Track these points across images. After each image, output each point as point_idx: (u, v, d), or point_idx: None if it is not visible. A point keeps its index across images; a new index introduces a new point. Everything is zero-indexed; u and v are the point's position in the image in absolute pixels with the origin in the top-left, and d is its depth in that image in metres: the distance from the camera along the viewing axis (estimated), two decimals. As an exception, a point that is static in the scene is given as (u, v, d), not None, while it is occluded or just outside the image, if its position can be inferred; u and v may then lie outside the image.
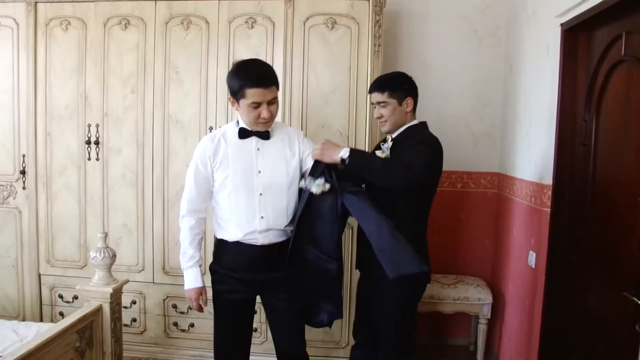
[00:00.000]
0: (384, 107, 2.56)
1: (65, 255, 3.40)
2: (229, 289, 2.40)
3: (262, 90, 2.20)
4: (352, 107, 3.15)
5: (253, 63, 2.33)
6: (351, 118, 3.15)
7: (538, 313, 2.90)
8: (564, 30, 2.73)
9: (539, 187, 2.92)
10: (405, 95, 2.56)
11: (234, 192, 2.32)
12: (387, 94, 2.55)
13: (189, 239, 2.44)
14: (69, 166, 3.34)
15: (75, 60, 3.28)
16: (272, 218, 2.33)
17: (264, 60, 2.46)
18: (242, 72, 2.24)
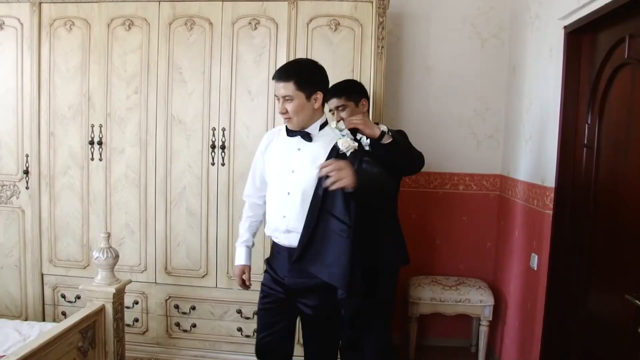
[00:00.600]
0: (342, 110, 2.76)
1: (67, 255, 3.41)
2: (266, 284, 2.43)
3: (276, 83, 2.26)
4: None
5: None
6: (354, 119, 3.15)
7: (540, 315, 2.90)
8: (567, 33, 2.74)
9: (541, 190, 2.92)
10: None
11: (270, 186, 2.41)
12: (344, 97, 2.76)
13: (242, 221, 2.58)
14: (72, 166, 3.35)
15: (78, 61, 3.29)
16: (294, 219, 2.27)
17: (304, 59, 2.51)
18: None
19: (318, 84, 2.27)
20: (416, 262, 3.78)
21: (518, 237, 3.31)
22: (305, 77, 2.23)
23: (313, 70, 2.28)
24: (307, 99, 2.23)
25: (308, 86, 2.22)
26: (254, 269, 2.65)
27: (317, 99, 2.25)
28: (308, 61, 2.37)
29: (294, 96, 2.21)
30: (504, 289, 3.55)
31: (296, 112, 2.23)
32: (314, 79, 2.26)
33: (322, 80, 2.30)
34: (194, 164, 3.25)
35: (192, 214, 3.29)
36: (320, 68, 2.32)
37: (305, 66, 2.31)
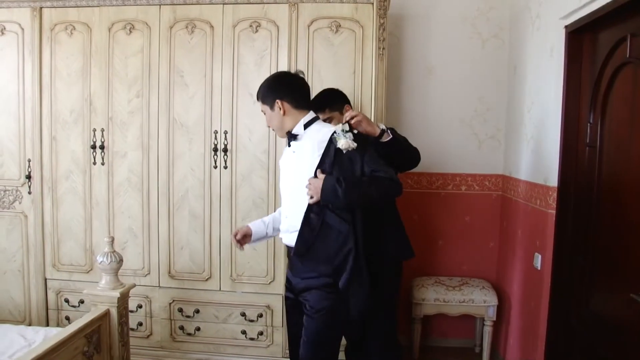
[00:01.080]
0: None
1: (71, 260, 3.41)
2: (285, 285, 2.51)
3: None
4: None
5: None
6: (356, 121, 3.15)
7: (544, 314, 2.90)
8: (568, 32, 2.74)
9: (544, 189, 2.92)
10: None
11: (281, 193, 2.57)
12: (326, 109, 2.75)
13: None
14: (74, 170, 3.35)
15: (80, 65, 3.29)
16: (292, 219, 2.37)
17: (272, 74, 2.58)
18: None
19: (273, 94, 2.37)
20: (419, 262, 3.81)
21: (521, 236, 3.31)
22: (263, 92, 2.41)
23: (267, 84, 2.42)
24: (272, 109, 2.38)
25: (267, 99, 2.39)
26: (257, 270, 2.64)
27: (280, 107, 2.36)
28: (268, 77, 2.50)
29: (264, 110, 2.43)
30: (507, 288, 3.55)
31: (270, 123, 2.45)
32: (268, 90, 2.39)
33: (275, 89, 2.38)
34: (197, 167, 3.25)
35: (195, 217, 3.29)
36: (275, 78, 2.46)
37: (264, 83, 2.45)
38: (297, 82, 2.42)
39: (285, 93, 2.36)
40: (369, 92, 3.13)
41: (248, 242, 2.55)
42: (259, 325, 3.29)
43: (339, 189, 2.17)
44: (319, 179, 2.23)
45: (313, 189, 2.23)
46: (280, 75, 2.48)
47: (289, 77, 2.43)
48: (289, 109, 2.36)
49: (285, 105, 2.35)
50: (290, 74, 2.47)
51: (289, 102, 2.36)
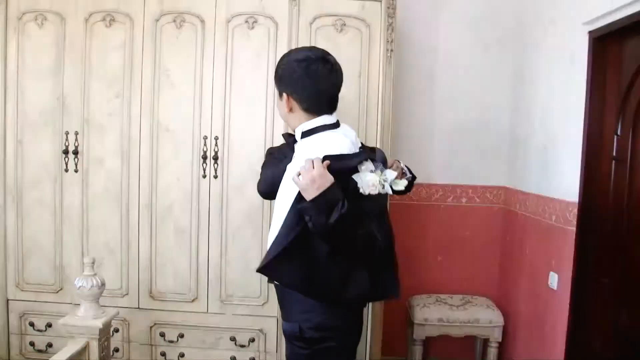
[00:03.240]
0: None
1: (37, 279, 3.02)
2: None
3: None
4: (362, 118, 2.90)
5: None
6: (361, 129, 2.90)
7: (561, 337, 2.73)
8: (592, 38, 2.58)
9: (563, 205, 2.75)
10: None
11: None
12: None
13: None
14: (43, 179, 2.97)
15: (51, 60, 2.92)
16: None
17: (292, 53, 2.05)
18: None
19: (282, 84, 1.94)
20: (417, 279, 3.60)
21: (530, 253, 3.13)
22: (276, 74, 1.98)
23: (280, 70, 1.96)
24: (280, 97, 1.99)
25: (277, 84, 1.99)
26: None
27: (287, 101, 1.93)
28: (286, 57, 1.99)
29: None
30: (511, 307, 3.37)
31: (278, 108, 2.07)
32: (278, 77, 1.96)
33: (287, 80, 1.92)
34: (183, 176, 2.93)
35: (180, 232, 2.96)
36: (291, 64, 1.91)
37: (280, 62, 1.99)
38: (317, 78, 1.89)
39: (296, 89, 1.90)
40: (375, 97, 2.89)
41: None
42: (251, 350, 2.99)
43: (337, 211, 1.68)
44: (324, 171, 1.72)
45: (309, 176, 1.71)
46: (299, 61, 1.90)
47: (309, 68, 1.88)
48: (296, 108, 1.93)
49: (293, 103, 1.92)
50: (314, 59, 1.90)
51: (299, 103, 1.92)
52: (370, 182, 1.76)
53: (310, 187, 1.70)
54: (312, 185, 1.70)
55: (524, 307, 3.19)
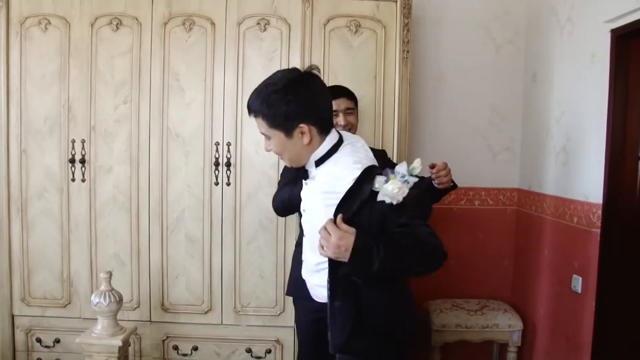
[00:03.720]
0: (351, 114, 2.43)
1: (44, 293, 2.91)
2: None
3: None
4: (379, 121, 2.84)
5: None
6: (377, 133, 2.84)
7: (587, 341, 2.67)
8: (615, 36, 2.53)
9: (585, 206, 2.69)
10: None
11: None
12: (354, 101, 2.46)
13: None
14: (49, 188, 2.87)
15: (56, 66, 2.82)
16: (305, 269, 1.93)
17: (272, 77, 1.71)
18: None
19: (296, 114, 1.61)
20: (431, 284, 3.49)
21: (549, 256, 3.07)
22: (276, 109, 1.60)
23: (283, 97, 1.60)
24: (289, 136, 1.64)
25: (282, 120, 1.61)
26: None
27: (306, 133, 1.63)
28: (273, 83, 1.63)
29: (268, 134, 1.67)
30: (529, 311, 3.30)
31: (277, 150, 1.69)
32: (289, 108, 1.60)
33: (302, 107, 1.61)
34: (195, 184, 2.85)
35: (192, 242, 2.87)
36: (293, 86, 1.61)
37: (270, 93, 1.61)
38: (320, 91, 1.69)
39: (314, 112, 1.64)
40: (391, 100, 2.82)
41: None
42: (268, 362, 2.91)
43: (376, 258, 1.51)
44: (341, 231, 1.55)
45: (332, 245, 1.55)
46: (297, 81, 1.63)
47: (309, 81, 1.65)
48: (315, 135, 1.65)
49: (313, 131, 1.64)
50: (307, 75, 1.66)
51: (317, 127, 1.65)
52: (395, 190, 1.57)
53: (340, 253, 1.55)
54: (340, 251, 1.55)
55: (543, 311, 3.13)
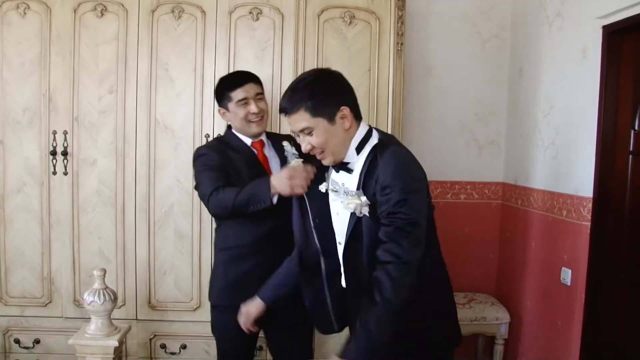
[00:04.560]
0: (261, 100, 2.31)
1: (23, 291, 2.78)
2: None
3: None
4: (372, 113, 2.81)
5: None
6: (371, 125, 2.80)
7: (577, 334, 2.71)
8: (607, 33, 2.56)
9: (576, 200, 2.73)
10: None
11: None
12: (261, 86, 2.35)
13: None
14: (28, 182, 2.73)
15: (36, 53, 2.69)
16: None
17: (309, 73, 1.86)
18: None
19: (335, 98, 1.71)
20: (418, 278, 3.53)
21: (537, 249, 3.11)
22: (317, 97, 1.68)
23: (321, 84, 1.72)
24: (331, 122, 1.69)
25: (323, 106, 1.68)
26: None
27: (346, 116, 1.70)
28: (307, 76, 1.78)
29: (310, 127, 1.70)
30: (516, 304, 3.34)
31: (321, 144, 1.71)
32: (327, 93, 1.71)
33: (338, 90, 1.74)
34: (184, 177, 2.75)
35: (181, 237, 2.79)
36: (327, 74, 1.78)
37: (309, 83, 1.72)
38: (343, 79, 1.78)
39: (350, 96, 1.74)
40: (385, 92, 2.80)
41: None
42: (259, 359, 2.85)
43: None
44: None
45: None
46: (324, 71, 1.79)
47: (337, 73, 1.77)
48: (352, 120, 1.72)
49: (351, 116, 1.71)
50: (327, 69, 1.82)
51: (353, 111, 1.73)
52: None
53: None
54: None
55: (530, 303, 3.17)
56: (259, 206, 2.01)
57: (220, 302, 2.26)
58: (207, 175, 2.15)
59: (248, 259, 2.21)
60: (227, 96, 2.25)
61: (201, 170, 2.19)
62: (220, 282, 2.27)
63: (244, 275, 2.20)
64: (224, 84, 2.29)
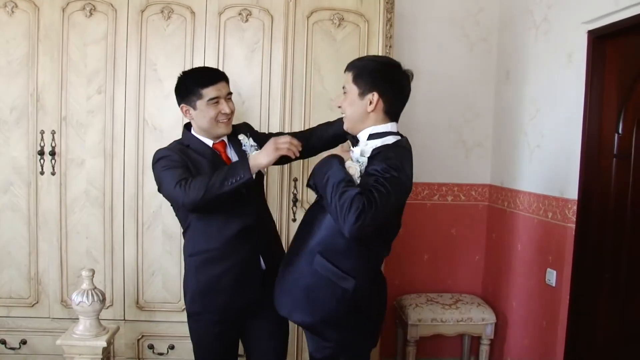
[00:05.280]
0: (230, 100, 2.20)
1: (9, 292, 2.76)
2: None
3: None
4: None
5: None
6: (360, 127, 2.82)
7: (561, 333, 2.75)
8: (592, 38, 2.60)
9: (561, 202, 2.77)
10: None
11: None
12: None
13: None
14: (15, 182, 2.71)
15: (24, 52, 2.67)
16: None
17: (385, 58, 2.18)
18: None
19: (376, 82, 1.88)
20: (405, 278, 3.56)
21: (523, 251, 3.15)
22: (366, 72, 1.89)
23: (376, 67, 1.91)
24: (361, 96, 1.89)
25: (364, 81, 1.88)
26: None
27: (372, 102, 1.87)
28: (379, 59, 2.10)
29: (347, 87, 1.93)
30: (501, 305, 3.38)
31: (345, 106, 1.94)
32: (373, 74, 1.89)
33: (383, 79, 1.89)
34: (173, 177, 2.75)
35: (169, 238, 2.78)
36: (390, 66, 1.94)
37: (372, 62, 1.96)
38: (405, 85, 1.94)
39: (389, 90, 1.88)
40: (374, 95, 2.81)
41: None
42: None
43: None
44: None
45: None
46: (396, 65, 1.93)
47: (402, 74, 1.93)
48: (380, 110, 1.89)
49: (379, 104, 1.88)
50: (399, 66, 1.95)
51: (386, 104, 1.89)
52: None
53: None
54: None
55: (516, 304, 3.21)
56: (236, 180, 1.93)
57: (196, 309, 2.18)
58: (171, 173, 2.03)
59: (218, 263, 2.12)
60: (196, 93, 2.10)
61: (163, 170, 2.06)
62: (191, 289, 2.18)
63: (215, 279, 2.12)
64: (194, 80, 2.14)
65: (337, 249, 1.86)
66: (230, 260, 2.12)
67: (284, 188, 2.83)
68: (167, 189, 2.04)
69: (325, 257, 1.86)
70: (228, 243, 2.12)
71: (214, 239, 2.12)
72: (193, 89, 2.11)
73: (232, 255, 2.13)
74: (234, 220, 2.11)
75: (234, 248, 2.13)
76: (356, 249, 1.86)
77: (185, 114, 2.19)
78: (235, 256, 2.13)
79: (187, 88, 2.14)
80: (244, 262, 2.13)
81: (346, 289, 1.85)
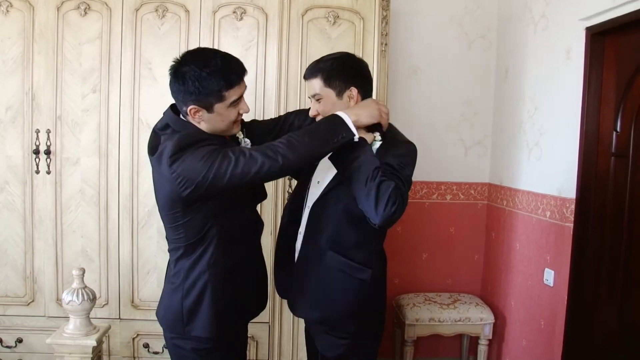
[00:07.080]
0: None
1: (5, 290, 2.77)
2: None
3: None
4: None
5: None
6: (355, 125, 2.80)
7: (559, 333, 2.72)
8: (590, 34, 2.57)
9: (560, 201, 2.74)
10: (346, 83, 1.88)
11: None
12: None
13: None
14: (10, 181, 2.72)
15: (19, 51, 2.68)
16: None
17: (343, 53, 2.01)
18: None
19: (350, 77, 1.89)
20: (403, 277, 3.54)
21: (521, 250, 3.12)
22: (334, 71, 1.87)
23: (343, 62, 1.91)
24: (339, 96, 1.89)
25: (337, 80, 1.88)
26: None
27: (353, 97, 1.89)
28: (339, 55, 1.97)
29: (321, 94, 1.90)
30: (500, 305, 3.35)
31: (324, 111, 1.89)
32: (343, 71, 1.89)
33: (355, 73, 1.91)
34: (168, 176, 2.75)
35: (164, 237, 2.76)
36: (354, 58, 1.96)
37: (334, 59, 1.92)
38: (368, 69, 1.98)
39: (361, 80, 1.91)
40: (370, 93, 2.79)
41: None
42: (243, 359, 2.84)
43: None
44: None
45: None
46: (352, 56, 1.96)
47: (360, 60, 1.97)
48: (359, 100, 1.90)
49: (358, 98, 1.89)
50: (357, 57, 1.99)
51: (362, 93, 1.91)
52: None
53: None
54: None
55: (514, 304, 3.18)
56: (340, 138, 1.72)
57: (215, 334, 1.85)
58: (230, 152, 1.67)
59: (242, 271, 1.91)
60: (218, 95, 1.71)
61: (211, 156, 1.66)
62: (208, 310, 1.83)
63: (240, 289, 1.91)
64: (218, 80, 1.71)
65: (349, 243, 1.90)
66: (253, 265, 1.98)
67: (279, 187, 2.82)
68: (246, 171, 1.64)
69: (338, 252, 1.89)
70: (252, 246, 1.98)
71: (241, 242, 1.90)
72: (215, 92, 1.71)
73: (253, 259, 1.99)
74: (251, 220, 1.99)
75: (255, 250, 2.01)
76: (366, 240, 1.91)
77: (193, 116, 1.76)
78: (256, 260, 2.01)
79: (208, 89, 1.71)
80: (260, 264, 2.04)
81: (364, 279, 1.90)
